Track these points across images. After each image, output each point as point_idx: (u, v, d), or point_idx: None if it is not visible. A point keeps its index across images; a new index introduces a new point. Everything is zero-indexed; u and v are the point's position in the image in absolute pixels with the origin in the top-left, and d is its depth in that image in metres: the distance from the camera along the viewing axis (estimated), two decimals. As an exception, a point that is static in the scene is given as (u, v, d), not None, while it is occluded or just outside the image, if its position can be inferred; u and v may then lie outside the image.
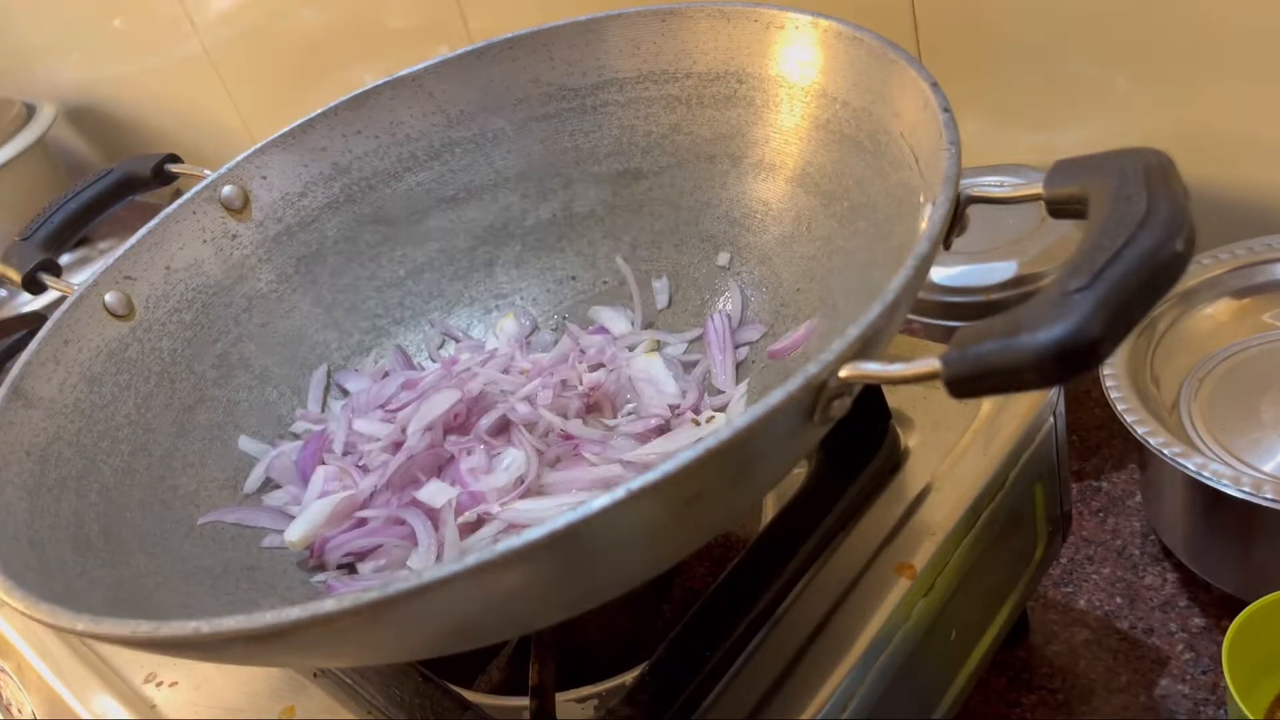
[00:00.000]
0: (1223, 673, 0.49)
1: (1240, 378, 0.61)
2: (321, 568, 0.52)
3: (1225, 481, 0.53)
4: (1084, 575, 0.64)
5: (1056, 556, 0.62)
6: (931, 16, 0.74)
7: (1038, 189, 0.38)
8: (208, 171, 0.60)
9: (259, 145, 0.60)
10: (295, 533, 0.52)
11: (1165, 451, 0.55)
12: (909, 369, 0.31)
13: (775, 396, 0.31)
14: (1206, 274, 0.64)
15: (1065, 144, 0.74)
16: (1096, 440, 0.72)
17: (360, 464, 0.55)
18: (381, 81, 0.61)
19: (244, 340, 0.59)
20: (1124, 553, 0.65)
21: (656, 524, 0.34)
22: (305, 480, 0.55)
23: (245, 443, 0.56)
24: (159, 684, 0.53)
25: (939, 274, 0.69)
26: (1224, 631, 0.50)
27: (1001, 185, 0.40)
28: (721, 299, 0.58)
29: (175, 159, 0.66)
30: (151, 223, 0.58)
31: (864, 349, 0.33)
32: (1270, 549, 0.55)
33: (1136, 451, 0.65)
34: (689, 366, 0.57)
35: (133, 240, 0.57)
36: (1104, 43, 0.69)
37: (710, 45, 0.55)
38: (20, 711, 0.62)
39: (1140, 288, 0.30)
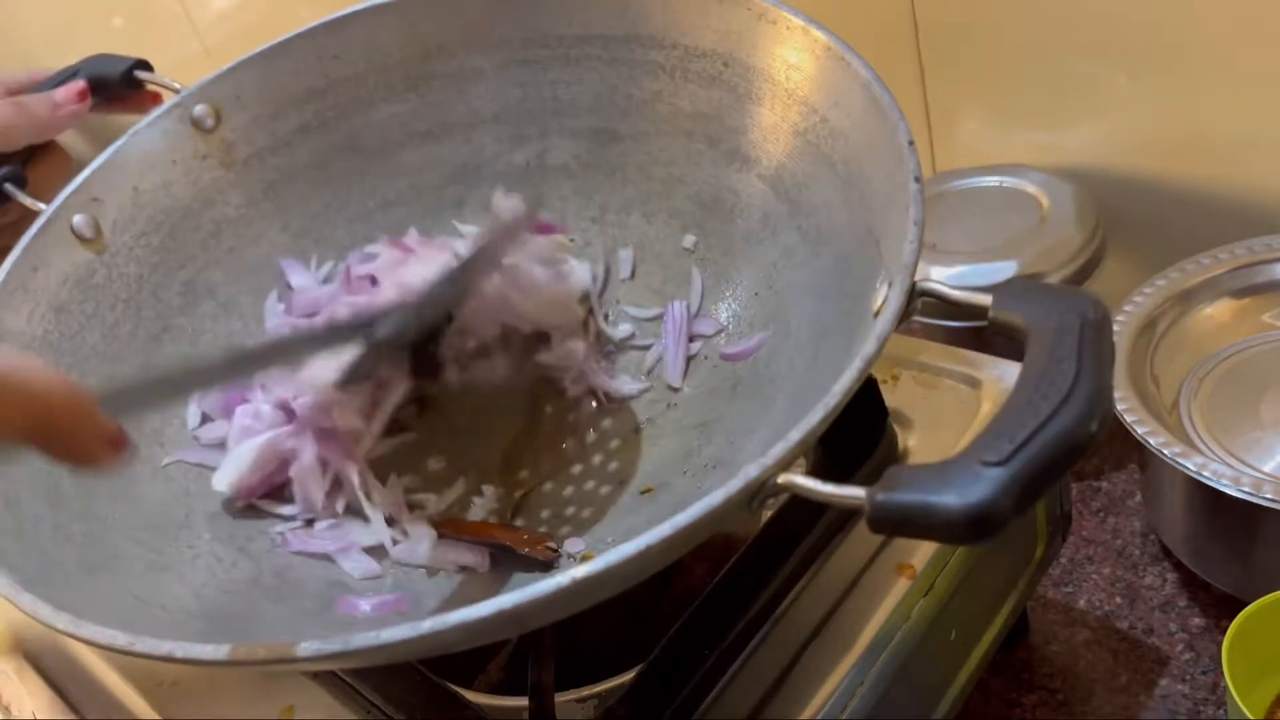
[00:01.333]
0: (1223, 673, 0.49)
1: (1240, 378, 0.61)
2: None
3: (1225, 481, 0.53)
4: (1084, 575, 0.64)
5: (1056, 556, 0.62)
6: (931, 15, 0.74)
7: (986, 301, 0.39)
8: (179, 86, 0.58)
9: (232, 64, 0.59)
10: (222, 481, 0.52)
11: (1165, 451, 0.55)
12: (838, 492, 0.33)
13: (716, 498, 0.33)
14: (1206, 274, 0.64)
15: (1068, 143, 0.74)
16: (1096, 440, 0.72)
17: (293, 399, 0.53)
18: (361, 6, 0.59)
19: (210, 267, 0.58)
20: (1124, 553, 0.65)
21: (585, 595, 0.36)
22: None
23: None
24: (159, 683, 0.53)
25: (939, 274, 0.69)
26: (1224, 631, 0.50)
27: (952, 285, 0.41)
28: (683, 283, 0.58)
29: (145, 65, 0.64)
30: (120, 140, 0.56)
31: (803, 450, 0.35)
32: (1270, 549, 0.55)
33: (1136, 451, 0.64)
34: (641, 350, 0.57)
35: (101, 159, 0.56)
36: (1104, 43, 0.69)
37: (700, 21, 0.54)
38: (20, 711, 0.62)
39: (1051, 465, 0.32)
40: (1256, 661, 0.51)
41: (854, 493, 0.33)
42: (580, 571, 0.32)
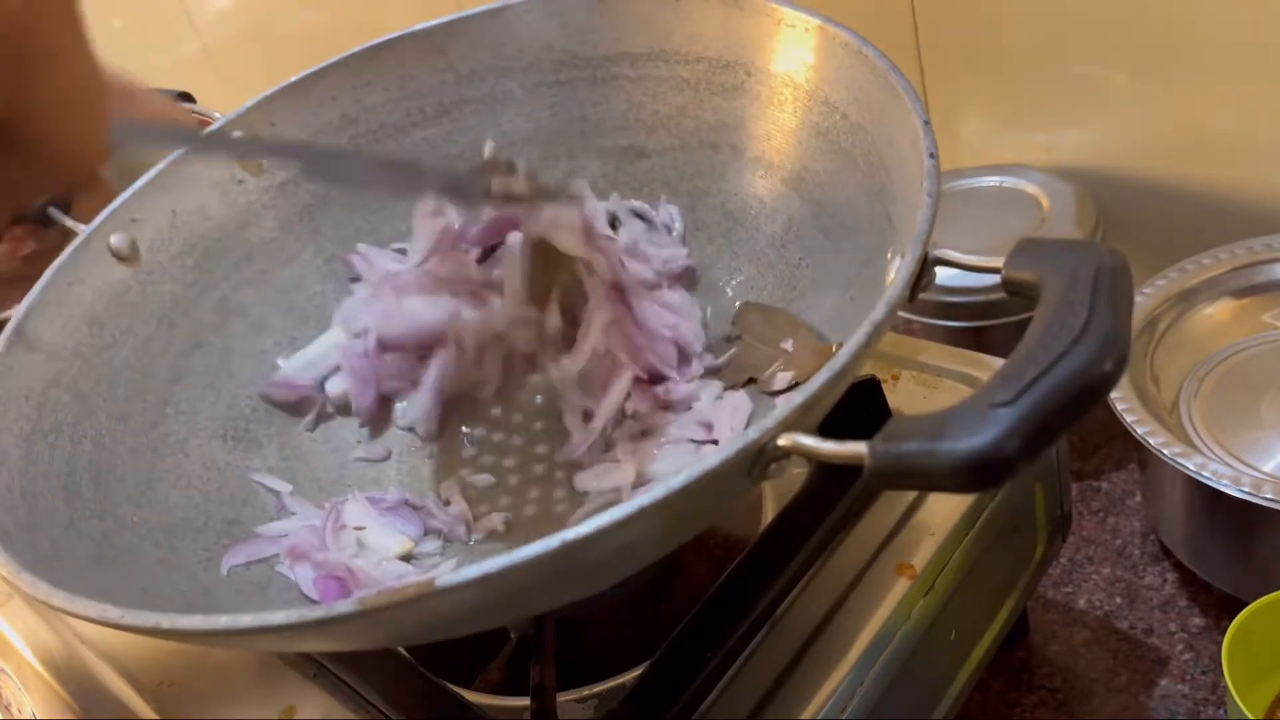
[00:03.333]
0: (1223, 673, 0.49)
1: (1240, 378, 0.61)
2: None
3: (1225, 481, 0.53)
4: (1084, 575, 0.64)
5: (1056, 556, 0.62)
6: (931, 15, 0.74)
7: (999, 263, 0.38)
8: (218, 114, 0.60)
9: (268, 92, 0.60)
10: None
11: (1165, 451, 0.55)
12: (839, 450, 0.32)
13: (713, 460, 0.32)
14: (1206, 274, 0.64)
15: (1068, 143, 0.75)
16: (1096, 440, 0.72)
17: None
18: (395, 35, 0.60)
19: (244, 287, 0.59)
20: (1124, 553, 0.65)
21: (585, 567, 0.34)
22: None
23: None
24: (159, 684, 0.53)
25: (939, 274, 0.69)
26: (1224, 631, 0.50)
27: (966, 253, 0.41)
28: (710, 293, 0.58)
29: (189, 98, 0.66)
30: (159, 165, 0.57)
31: (807, 415, 0.34)
32: (1270, 549, 0.55)
33: (1136, 451, 0.65)
34: None
35: (140, 182, 0.57)
36: (1104, 43, 0.69)
37: (721, 32, 0.55)
38: (20, 711, 0.62)
39: (1062, 408, 0.30)
40: (1256, 661, 0.51)
41: (855, 448, 0.31)
42: (570, 534, 0.30)
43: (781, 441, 0.33)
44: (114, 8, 1.40)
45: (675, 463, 0.51)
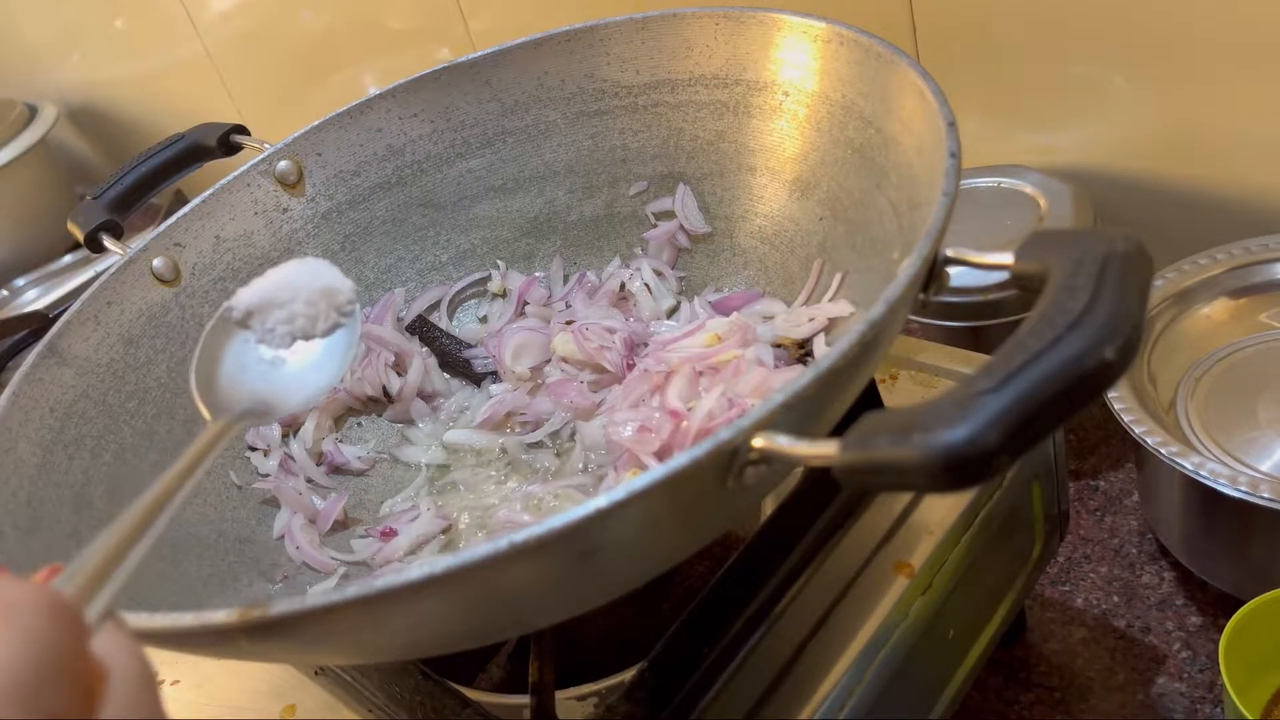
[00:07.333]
0: (1219, 671, 0.49)
1: (1237, 377, 0.61)
2: None
3: (1222, 480, 0.53)
4: (1081, 574, 0.65)
5: (1054, 555, 0.62)
6: (930, 17, 0.74)
7: (1009, 260, 0.36)
8: (268, 145, 0.61)
9: (317, 123, 0.61)
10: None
11: (1162, 451, 0.55)
12: (812, 449, 0.30)
13: (680, 460, 0.30)
14: (1204, 274, 0.65)
15: (1065, 144, 0.75)
16: (1094, 439, 0.72)
17: None
18: (440, 66, 0.61)
19: None
20: (1121, 551, 0.65)
21: (550, 576, 0.33)
22: None
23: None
24: (160, 682, 0.54)
25: (937, 274, 0.69)
26: (1221, 630, 0.50)
27: (978, 250, 0.38)
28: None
29: (242, 130, 0.67)
30: (206, 192, 0.59)
31: (787, 417, 0.31)
32: (1267, 547, 0.55)
33: (1134, 451, 0.65)
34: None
35: (186, 208, 0.58)
36: (1104, 43, 0.69)
37: (761, 54, 0.55)
38: (22, 710, 0.62)
39: (1054, 396, 0.27)
40: (1253, 659, 0.51)
41: (829, 445, 0.29)
42: (519, 536, 0.29)
43: (756, 442, 0.31)
44: (116, 9, 1.40)
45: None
